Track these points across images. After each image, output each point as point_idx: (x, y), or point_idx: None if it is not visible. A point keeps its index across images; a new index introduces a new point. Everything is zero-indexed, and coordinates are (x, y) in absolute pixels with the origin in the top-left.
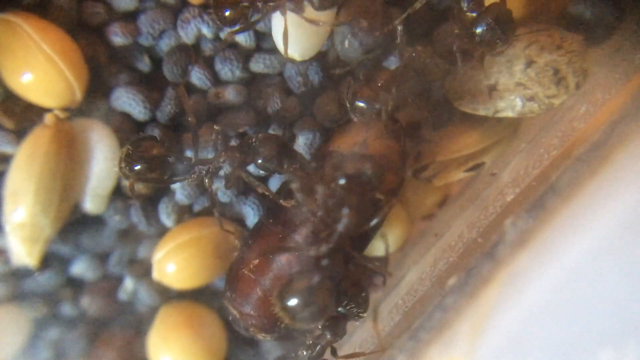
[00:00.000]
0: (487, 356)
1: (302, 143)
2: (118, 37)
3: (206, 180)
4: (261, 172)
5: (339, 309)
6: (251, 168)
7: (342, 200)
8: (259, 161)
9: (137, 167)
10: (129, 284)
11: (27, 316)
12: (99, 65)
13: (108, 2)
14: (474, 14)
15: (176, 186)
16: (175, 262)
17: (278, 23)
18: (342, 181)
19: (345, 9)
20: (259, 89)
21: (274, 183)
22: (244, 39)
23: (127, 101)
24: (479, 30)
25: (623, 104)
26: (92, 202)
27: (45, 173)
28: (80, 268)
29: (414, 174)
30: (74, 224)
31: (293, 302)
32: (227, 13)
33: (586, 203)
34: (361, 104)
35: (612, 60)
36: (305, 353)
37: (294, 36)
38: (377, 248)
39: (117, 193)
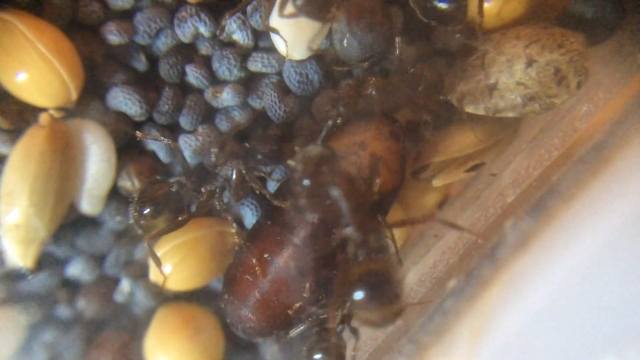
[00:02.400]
0: None
1: (299, 143)
2: (114, 35)
3: (216, 203)
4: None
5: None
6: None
7: (329, 185)
8: (259, 157)
9: (147, 211)
10: (125, 285)
11: (22, 318)
12: (95, 65)
13: (104, 0)
14: None
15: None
16: (172, 264)
17: (276, 21)
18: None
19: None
20: (257, 88)
21: (272, 185)
22: (241, 38)
23: (124, 101)
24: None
25: (625, 104)
26: (88, 203)
27: (40, 173)
28: (76, 269)
29: (414, 175)
30: (70, 225)
31: (361, 294)
32: None
33: (588, 204)
34: (348, 105)
35: (614, 59)
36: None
37: (292, 34)
38: None
39: (114, 194)
